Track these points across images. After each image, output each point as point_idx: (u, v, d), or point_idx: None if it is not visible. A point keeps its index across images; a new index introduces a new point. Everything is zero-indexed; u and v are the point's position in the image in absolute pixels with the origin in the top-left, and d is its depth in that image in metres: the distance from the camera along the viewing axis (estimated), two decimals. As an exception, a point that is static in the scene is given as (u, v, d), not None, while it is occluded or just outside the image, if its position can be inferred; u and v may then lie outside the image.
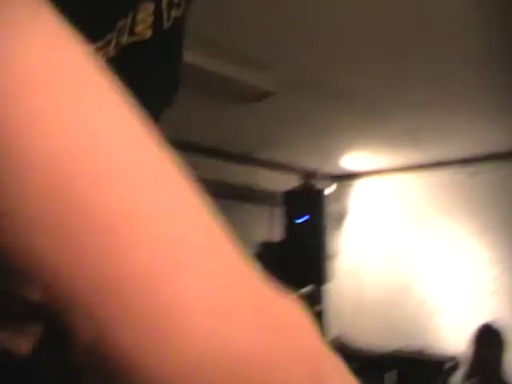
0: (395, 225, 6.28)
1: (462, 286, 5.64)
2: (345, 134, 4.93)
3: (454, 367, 4.62)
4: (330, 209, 5.42)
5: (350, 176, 6.61)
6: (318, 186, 5.46)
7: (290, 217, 5.13)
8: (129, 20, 0.48)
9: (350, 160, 5.90)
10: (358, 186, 6.68)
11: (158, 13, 0.50)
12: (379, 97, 3.95)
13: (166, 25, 0.52)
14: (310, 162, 5.70)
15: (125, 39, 0.49)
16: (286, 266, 4.97)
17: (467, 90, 3.80)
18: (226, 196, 5.25)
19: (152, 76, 0.55)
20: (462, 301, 5.61)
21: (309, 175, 5.36)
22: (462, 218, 5.73)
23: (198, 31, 2.79)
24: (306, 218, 5.09)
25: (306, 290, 6.03)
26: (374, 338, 5.80)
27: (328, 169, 6.26)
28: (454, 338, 5.27)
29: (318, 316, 6.23)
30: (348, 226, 6.71)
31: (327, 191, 5.38)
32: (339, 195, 6.58)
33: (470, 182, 5.64)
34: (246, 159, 5.46)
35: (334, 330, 6.09)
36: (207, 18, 2.70)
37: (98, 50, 0.47)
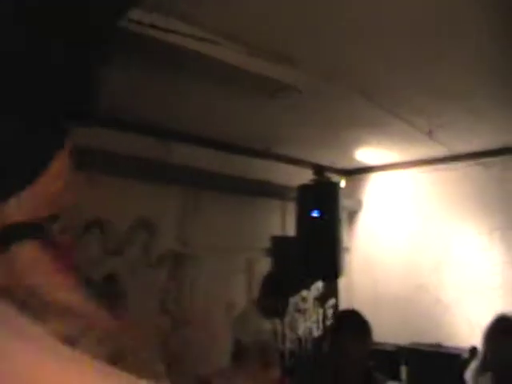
0: (409, 219, 6.26)
1: (476, 282, 5.63)
2: (359, 129, 4.92)
3: (469, 359, 4.61)
4: (344, 203, 5.41)
5: (364, 170, 6.60)
6: (332, 180, 5.46)
7: (304, 211, 5.11)
8: None
9: (364, 154, 5.90)
10: (371, 180, 6.67)
11: None
12: (394, 92, 3.95)
13: None
14: (324, 157, 5.70)
15: None
16: (300, 260, 4.97)
17: (482, 84, 3.80)
18: (241, 190, 5.27)
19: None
20: (476, 297, 5.59)
21: (323, 169, 5.35)
22: (475, 213, 5.71)
23: (222, 26, 2.81)
24: (319, 212, 5.07)
25: (318, 284, 6.05)
26: (389, 332, 5.78)
27: (342, 163, 6.26)
28: (468, 333, 5.26)
29: (333, 309, 6.23)
30: (362, 220, 6.71)
31: (341, 185, 5.37)
32: (353, 189, 6.58)
33: (484, 175, 5.62)
34: (261, 154, 5.47)
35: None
36: (231, 12, 2.71)
37: None
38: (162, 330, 4.51)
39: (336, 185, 5.31)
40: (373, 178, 6.65)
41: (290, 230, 5.35)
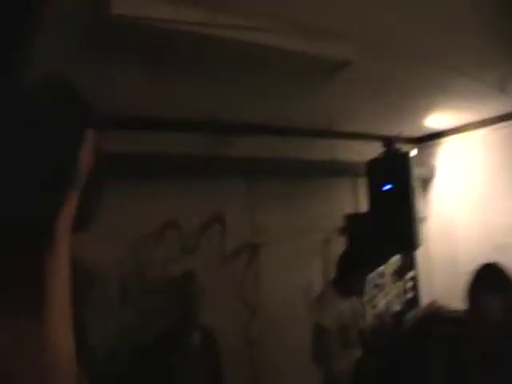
0: (482, 179, 6.03)
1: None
2: (426, 95, 4.78)
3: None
4: (417, 172, 5.27)
5: (434, 136, 6.41)
6: (402, 150, 5.31)
7: (376, 185, 5.01)
8: None
9: (433, 120, 5.72)
10: (442, 144, 6.46)
11: None
12: (459, 53, 3.79)
13: None
14: (393, 128, 5.56)
15: None
16: (375, 235, 4.89)
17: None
18: (310, 173, 5.23)
19: None
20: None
21: (392, 141, 5.21)
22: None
23: (271, 9, 2.77)
24: (391, 184, 4.96)
25: (396, 258, 5.95)
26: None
27: (411, 132, 6.10)
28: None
29: (412, 282, 6.13)
30: (436, 187, 6.52)
31: (412, 154, 5.22)
32: (425, 156, 6.41)
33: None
34: (327, 133, 5.40)
35: (428, 295, 5.98)
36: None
37: None
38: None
39: (406, 155, 5.15)
40: (444, 143, 6.43)
41: (364, 207, 5.27)
